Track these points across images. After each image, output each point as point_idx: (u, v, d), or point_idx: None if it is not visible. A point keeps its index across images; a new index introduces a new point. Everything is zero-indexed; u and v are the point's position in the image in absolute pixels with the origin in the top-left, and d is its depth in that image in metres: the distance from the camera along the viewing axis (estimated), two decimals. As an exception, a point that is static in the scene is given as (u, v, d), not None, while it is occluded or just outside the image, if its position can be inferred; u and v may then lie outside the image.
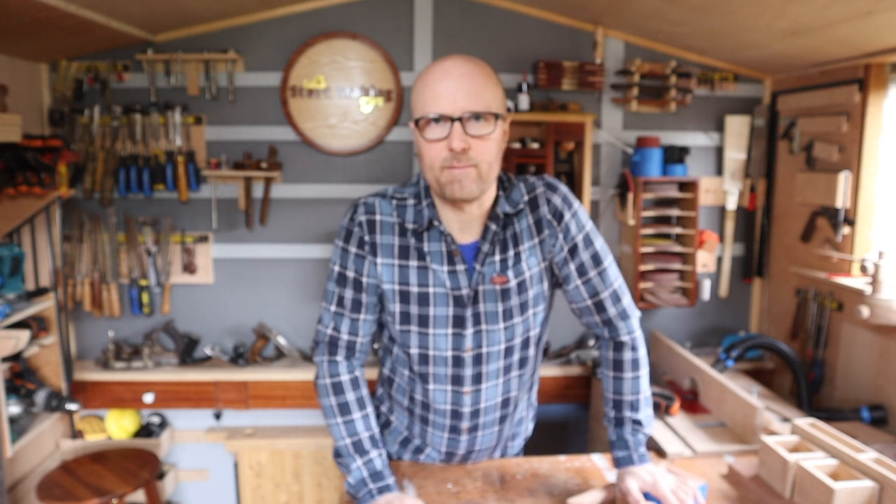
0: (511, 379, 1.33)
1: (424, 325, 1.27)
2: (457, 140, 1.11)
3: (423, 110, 1.13)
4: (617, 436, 1.30)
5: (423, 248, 1.25)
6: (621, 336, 1.32)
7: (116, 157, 2.64)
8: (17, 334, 2.10)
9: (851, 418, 2.09)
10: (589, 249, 1.28)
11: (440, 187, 1.17)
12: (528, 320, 1.29)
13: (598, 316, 1.31)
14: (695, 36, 2.46)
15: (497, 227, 1.24)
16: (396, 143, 2.74)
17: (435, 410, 1.33)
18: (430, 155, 1.15)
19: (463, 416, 1.32)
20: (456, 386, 1.29)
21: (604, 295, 1.30)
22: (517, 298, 1.26)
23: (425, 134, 1.14)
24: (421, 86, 1.15)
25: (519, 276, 1.26)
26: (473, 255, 1.25)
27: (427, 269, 1.25)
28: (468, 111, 1.11)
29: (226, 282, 2.79)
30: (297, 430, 2.81)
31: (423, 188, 1.26)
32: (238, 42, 2.65)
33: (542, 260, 1.28)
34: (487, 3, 2.68)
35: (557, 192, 1.28)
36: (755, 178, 2.77)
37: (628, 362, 1.32)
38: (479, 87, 1.12)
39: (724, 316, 2.92)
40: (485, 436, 1.37)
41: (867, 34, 1.89)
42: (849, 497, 1.26)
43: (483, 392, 1.30)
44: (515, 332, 1.28)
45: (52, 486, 2.21)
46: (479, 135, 1.13)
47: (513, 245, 1.26)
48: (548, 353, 2.75)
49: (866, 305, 2.01)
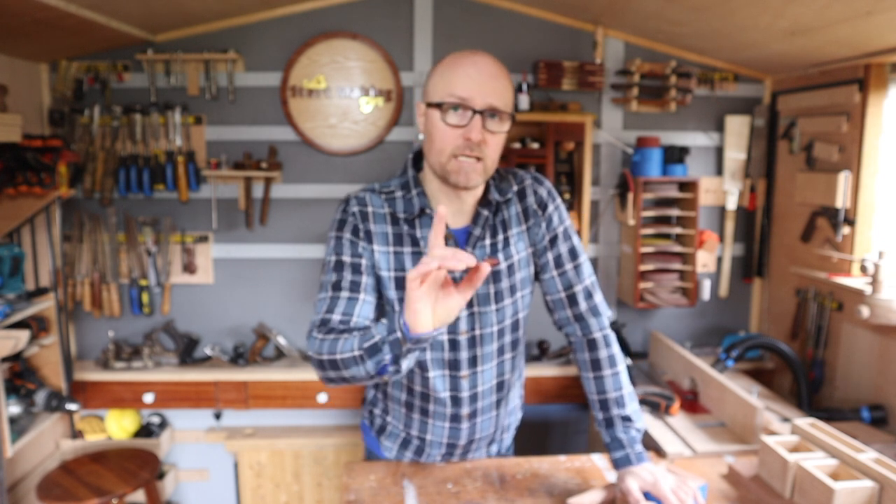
0: (505, 361, 1.37)
1: None
2: (476, 131, 1.15)
3: (448, 93, 1.16)
4: (610, 437, 1.31)
5: (416, 235, 1.28)
6: (593, 333, 1.36)
7: (116, 157, 2.64)
8: (17, 334, 2.10)
9: (851, 418, 2.10)
10: (567, 243, 1.36)
11: (445, 173, 1.20)
12: (516, 302, 1.34)
13: (571, 310, 1.36)
14: (695, 36, 2.47)
15: (488, 213, 1.29)
16: (396, 143, 2.74)
17: (435, 399, 1.34)
18: (443, 139, 1.18)
19: (462, 401, 1.34)
20: (453, 371, 1.32)
21: (577, 288, 1.36)
22: (507, 281, 1.32)
23: (445, 118, 1.17)
24: (448, 71, 1.18)
25: (508, 259, 1.32)
26: (465, 239, 1.29)
27: (421, 255, 1.27)
28: (490, 106, 1.16)
29: (226, 282, 2.79)
30: (297, 430, 2.81)
31: (411, 178, 1.30)
32: (238, 42, 2.65)
33: (528, 245, 1.35)
34: (487, 3, 2.68)
35: (543, 185, 1.37)
36: (755, 178, 2.77)
37: (605, 360, 1.34)
38: (503, 86, 1.18)
39: (724, 316, 2.92)
40: (483, 422, 1.39)
41: (867, 34, 1.89)
42: (849, 497, 1.26)
43: (479, 375, 1.34)
44: (506, 313, 1.33)
45: (52, 486, 2.21)
46: (494, 131, 1.18)
47: (502, 230, 1.32)
48: (548, 353, 2.75)
49: (866, 305, 2.01)
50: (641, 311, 2.87)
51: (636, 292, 2.65)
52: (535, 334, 2.78)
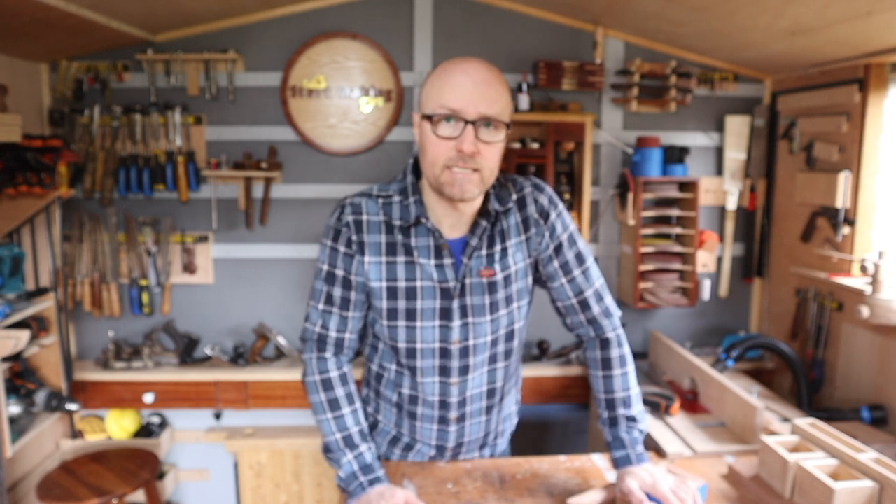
0: (497, 369, 1.36)
1: (412, 318, 1.28)
2: (468, 143, 1.13)
3: (439, 105, 1.14)
4: (613, 436, 1.31)
5: (410, 244, 1.27)
6: (606, 333, 1.36)
7: (116, 157, 2.64)
8: (17, 334, 2.10)
9: (851, 418, 2.10)
10: (573, 249, 1.34)
11: (439, 185, 1.18)
12: (512, 313, 1.33)
13: (583, 315, 1.36)
14: (695, 36, 2.46)
15: (487, 223, 1.27)
16: (396, 143, 2.74)
17: (423, 402, 1.35)
18: (435, 151, 1.16)
19: (450, 406, 1.34)
20: (443, 377, 1.32)
21: (588, 293, 1.35)
22: (503, 291, 1.30)
23: (437, 130, 1.14)
24: (438, 82, 1.16)
25: (505, 270, 1.30)
26: (461, 249, 1.28)
27: (414, 264, 1.27)
28: (483, 116, 1.13)
29: (226, 282, 2.79)
30: (297, 430, 2.81)
31: (409, 184, 1.28)
32: (238, 42, 2.65)
33: (527, 256, 1.32)
34: (487, 3, 2.68)
35: (544, 193, 1.33)
36: (755, 178, 2.77)
37: (616, 359, 1.34)
38: (495, 95, 1.14)
39: (724, 316, 2.92)
40: (472, 426, 1.39)
41: (867, 34, 1.89)
42: (849, 497, 1.26)
43: (469, 382, 1.33)
44: (500, 324, 1.32)
45: (52, 486, 2.21)
46: (489, 141, 1.15)
47: (500, 241, 1.30)
48: (548, 353, 2.75)
49: (866, 305, 2.01)
50: (641, 311, 2.87)
51: (636, 292, 2.65)
52: (535, 334, 2.78)
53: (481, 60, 1.17)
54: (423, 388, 1.33)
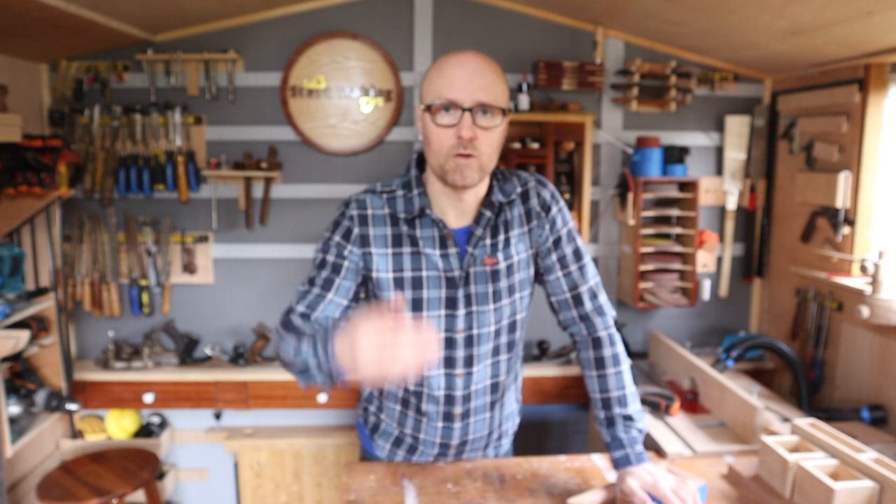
0: (500, 362, 1.37)
1: (418, 308, 1.29)
2: (466, 129, 1.16)
3: (437, 96, 1.18)
4: (611, 436, 1.31)
5: (415, 235, 1.29)
6: (598, 332, 1.38)
7: (116, 157, 2.64)
8: (17, 334, 2.10)
9: (851, 418, 2.10)
10: (571, 244, 1.37)
11: (443, 173, 1.21)
12: (514, 303, 1.35)
13: (576, 310, 1.37)
14: (695, 36, 2.47)
15: (491, 214, 1.30)
16: (396, 143, 2.74)
17: (429, 397, 1.35)
18: (438, 140, 1.19)
19: (456, 400, 1.35)
20: (448, 369, 1.33)
21: (582, 289, 1.37)
22: (506, 280, 1.32)
23: (436, 119, 1.18)
24: (435, 74, 1.20)
25: (508, 259, 1.32)
26: (466, 239, 1.30)
27: (420, 254, 1.28)
28: (478, 102, 1.16)
29: (226, 282, 2.79)
30: (297, 430, 2.81)
31: (413, 178, 1.31)
32: (238, 42, 2.65)
33: (529, 247, 1.35)
34: (487, 3, 2.68)
35: (546, 188, 1.37)
36: (755, 178, 2.77)
37: (609, 358, 1.35)
38: (490, 82, 1.18)
39: (724, 316, 2.92)
40: (476, 422, 1.39)
41: (867, 34, 1.89)
42: (849, 497, 1.26)
43: (474, 374, 1.34)
44: (504, 313, 1.34)
45: (52, 486, 2.21)
46: (486, 126, 1.18)
47: (503, 231, 1.32)
48: (548, 353, 2.75)
49: (866, 305, 2.01)
50: (641, 311, 2.87)
51: (636, 292, 2.65)
52: (535, 334, 2.78)
53: (475, 52, 1.21)
54: (428, 382, 1.34)
